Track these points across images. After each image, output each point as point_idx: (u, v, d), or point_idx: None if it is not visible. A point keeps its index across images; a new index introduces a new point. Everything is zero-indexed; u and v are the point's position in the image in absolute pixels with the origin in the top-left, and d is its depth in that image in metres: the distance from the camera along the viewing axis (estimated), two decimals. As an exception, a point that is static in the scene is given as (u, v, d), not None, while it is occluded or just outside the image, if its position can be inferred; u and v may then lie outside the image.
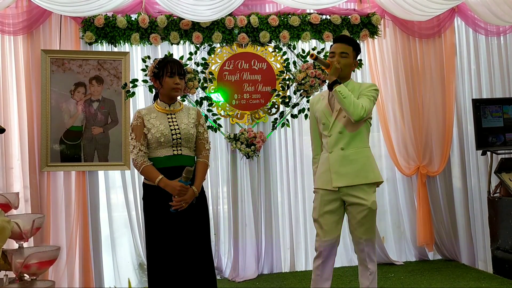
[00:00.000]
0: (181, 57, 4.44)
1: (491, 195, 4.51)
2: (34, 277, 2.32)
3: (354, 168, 2.83)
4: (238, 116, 4.60)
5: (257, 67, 4.62)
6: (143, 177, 2.82)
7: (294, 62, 4.65)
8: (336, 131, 2.86)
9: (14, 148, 4.22)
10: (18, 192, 2.67)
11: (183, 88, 2.87)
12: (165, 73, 2.78)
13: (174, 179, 2.68)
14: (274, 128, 4.65)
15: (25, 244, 2.42)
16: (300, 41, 4.64)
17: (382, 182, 2.95)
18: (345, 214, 2.94)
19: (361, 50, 4.71)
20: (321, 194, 2.89)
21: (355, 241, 2.91)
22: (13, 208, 2.40)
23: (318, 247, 2.88)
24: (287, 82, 4.64)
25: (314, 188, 2.98)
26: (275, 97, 4.65)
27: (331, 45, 3.01)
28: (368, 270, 2.85)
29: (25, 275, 2.29)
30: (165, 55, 4.36)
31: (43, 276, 3.98)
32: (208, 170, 4.42)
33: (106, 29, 4.30)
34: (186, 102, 4.39)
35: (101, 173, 4.40)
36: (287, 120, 4.67)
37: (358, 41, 4.69)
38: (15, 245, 2.36)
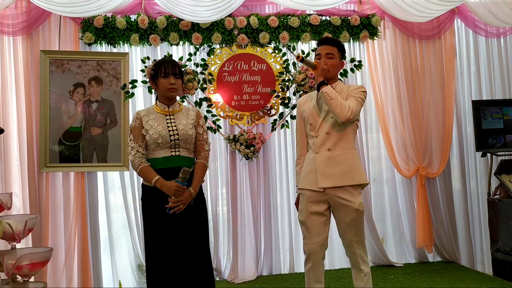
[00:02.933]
0: (181, 58, 4.44)
1: (491, 197, 4.50)
2: (26, 278, 2.31)
3: (341, 169, 2.80)
4: (238, 117, 4.59)
5: (256, 68, 4.61)
6: (142, 178, 2.82)
7: (294, 63, 4.64)
8: (323, 132, 2.84)
9: (13, 148, 4.22)
10: (11, 193, 2.67)
11: (180, 88, 2.86)
12: (160, 74, 2.80)
13: (171, 180, 2.68)
14: (273, 129, 4.64)
15: (19, 245, 2.41)
16: (299, 42, 4.64)
17: (368, 184, 2.92)
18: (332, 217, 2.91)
19: (361, 51, 4.80)
20: (307, 195, 2.85)
21: (346, 244, 2.88)
22: (5, 208, 2.39)
23: (307, 250, 2.85)
24: (287, 83, 4.63)
25: (299, 189, 2.94)
26: (275, 98, 4.64)
27: (315, 48, 3.01)
28: (362, 272, 2.83)
29: (17, 276, 2.28)
30: (164, 55, 4.36)
31: (40, 277, 3.99)
32: (207, 171, 4.43)
33: (106, 29, 4.29)
34: (185, 103, 4.39)
35: (100, 174, 4.39)
36: (287, 121, 4.66)
37: (358, 42, 4.74)
38: (8, 246, 2.36)
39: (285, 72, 4.63)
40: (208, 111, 4.50)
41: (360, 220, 2.83)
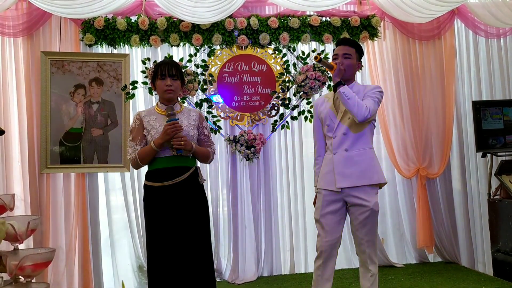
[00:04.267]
0: (181, 59, 4.45)
1: (492, 197, 4.50)
2: (29, 279, 2.31)
3: (358, 169, 2.84)
4: (238, 118, 4.60)
5: (257, 69, 4.62)
6: (144, 179, 2.84)
7: (294, 64, 4.65)
8: (341, 133, 2.87)
9: (14, 150, 4.22)
10: (14, 194, 2.68)
11: (177, 89, 2.87)
12: (157, 75, 2.83)
13: (174, 179, 2.70)
14: (274, 130, 4.64)
15: (21, 246, 2.42)
16: (300, 43, 4.65)
17: (386, 183, 2.95)
18: (347, 215, 2.94)
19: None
20: (324, 194, 2.90)
21: (356, 242, 2.92)
22: (8, 209, 2.40)
23: (319, 247, 2.89)
24: (287, 84, 4.64)
25: (317, 189, 2.99)
26: (275, 99, 4.65)
27: (334, 49, 3.04)
28: (369, 272, 2.85)
29: (20, 277, 2.29)
30: (165, 57, 4.36)
31: (41, 277, 4.00)
32: (208, 172, 4.48)
33: (106, 31, 4.30)
34: (186, 104, 4.39)
35: (100, 175, 4.40)
36: (287, 122, 4.66)
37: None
38: (10, 247, 2.37)
39: (285, 73, 4.64)
40: (208, 112, 4.51)
41: (374, 220, 2.86)
